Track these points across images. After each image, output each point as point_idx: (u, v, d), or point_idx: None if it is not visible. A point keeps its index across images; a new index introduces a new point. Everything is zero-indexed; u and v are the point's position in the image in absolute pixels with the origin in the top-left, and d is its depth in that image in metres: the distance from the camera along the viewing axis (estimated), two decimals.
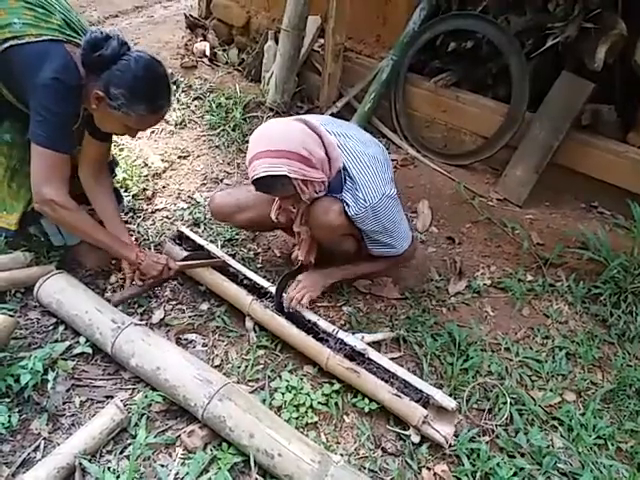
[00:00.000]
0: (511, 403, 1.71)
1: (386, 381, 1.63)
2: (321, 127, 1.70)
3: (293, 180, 1.61)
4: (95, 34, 1.56)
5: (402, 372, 1.64)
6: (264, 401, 1.65)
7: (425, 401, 1.58)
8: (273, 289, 1.90)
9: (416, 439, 1.58)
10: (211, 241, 2.23)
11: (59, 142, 1.62)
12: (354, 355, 1.71)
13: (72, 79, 1.57)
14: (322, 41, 3.34)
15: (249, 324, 1.91)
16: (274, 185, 1.63)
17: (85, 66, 1.59)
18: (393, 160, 2.95)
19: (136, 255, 1.80)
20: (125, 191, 2.51)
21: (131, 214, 2.42)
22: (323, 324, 1.80)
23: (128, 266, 1.93)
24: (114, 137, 2.06)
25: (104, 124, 1.72)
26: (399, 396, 1.57)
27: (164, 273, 1.85)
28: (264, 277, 2.01)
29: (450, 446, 1.56)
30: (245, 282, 1.98)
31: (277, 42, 3.32)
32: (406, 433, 1.60)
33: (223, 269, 2.01)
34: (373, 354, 1.70)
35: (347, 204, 1.75)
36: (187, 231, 2.14)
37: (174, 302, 2.03)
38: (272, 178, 1.59)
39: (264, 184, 1.63)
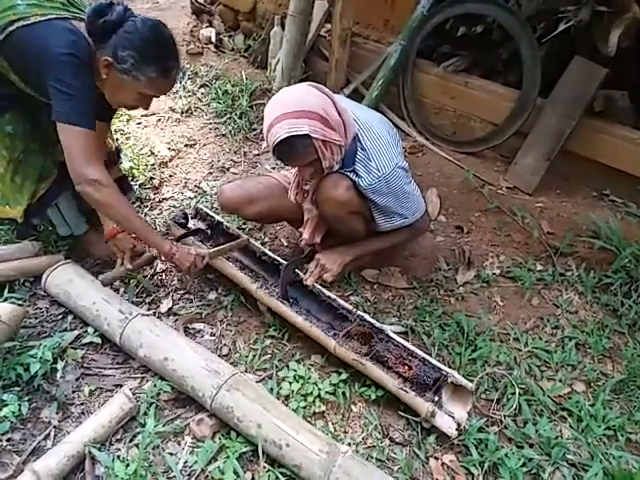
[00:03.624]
0: (520, 393, 1.70)
1: (404, 359, 1.65)
2: (333, 94, 1.69)
3: (314, 141, 1.59)
4: (99, 2, 1.54)
5: (420, 352, 1.65)
6: (272, 390, 1.65)
7: (440, 384, 1.58)
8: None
9: (428, 425, 1.58)
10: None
11: (88, 119, 1.58)
12: (373, 333, 1.72)
13: (85, 55, 1.54)
14: (329, 26, 3.29)
15: (263, 307, 1.91)
16: (296, 147, 1.59)
17: (91, 35, 1.56)
18: None
19: (170, 247, 1.75)
20: (132, 180, 2.50)
21: (138, 203, 2.42)
22: (342, 302, 1.81)
23: (117, 248, 1.90)
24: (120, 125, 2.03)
25: (116, 96, 1.67)
26: (405, 390, 1.57)
27: (197, 263, 1.80)
28: (266, 271, 2.00)
29: (459, 434, 1.55)
30: (264, 258, 1.97)
31: (283, 27, 3.28)
32: (417, 419, 1.60)
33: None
34: (392, 333, 1.71)
35: (359, 176, 1.74)
36: (205, 208, 2.14)
37: (182, 291, 2.03)
38: (294, 139, 1.56)
39: (285, 147, 1.59)
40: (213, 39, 3.88)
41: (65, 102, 1.54)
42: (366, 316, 1.75)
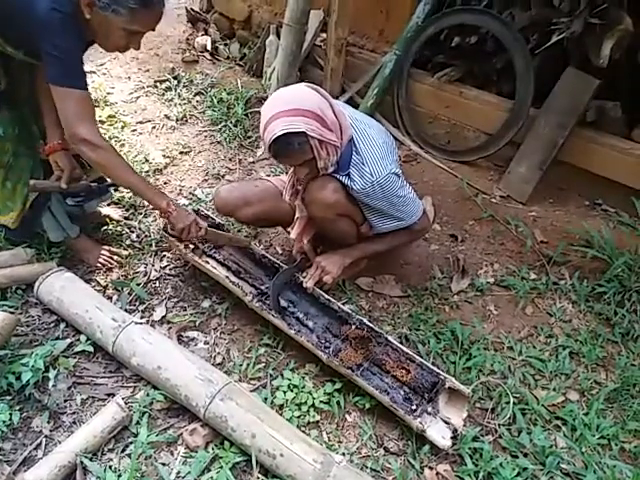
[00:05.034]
0: (514, 402, 1.70)
1: (402, 363, 1.68)
2: (330, 97, 1.70)
3: (310, 140, 1.59)
4: None
5: (418, 357, 1.68)
6: (266, 400, 1.64)
7: (437, 389, 1.61)
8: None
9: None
10: None
11: (77, 79, 1.58)
12: (371, 336, 1.74)
13: (67, 5, 1.51)
14: (324, 35, 3.31)
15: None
16: (292, 145, 1.59)
17: None
18: None
19: (167, 204, 1.74)
20: None
21: (132, 210, 2.41)
22: (341, 305, 1.84)
23: (57, 165, 1.87)
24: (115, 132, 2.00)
25: (104, 38, 1.64)
26: (396, 409, 1.58)
27: (192, 230, 1.80)
28: (266, 275, 2.01)
29: (454, 444, 1.55)
30: (263, 261, 2.02)
31: (279, 36, 3.30)
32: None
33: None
34: (390, 337, 1.74)
35: (353, 180, 1.75)
36: (205, 210, 2.14)
37: (175, 299, 2.02)
38: (290, 137, 1.57)
39: (282, 145, 1.59)
40: (209, 47, 3.89)
41: (54, 64, 1.54)
42: (365, 320, 1.77)
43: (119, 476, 1.40)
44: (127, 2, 1.52)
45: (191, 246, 1.96)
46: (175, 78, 3.48)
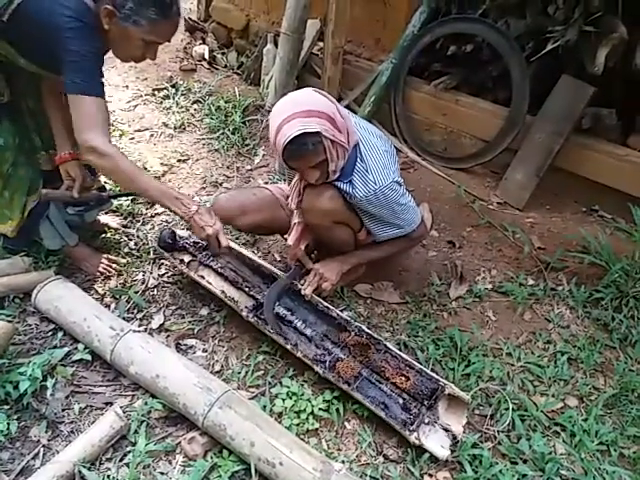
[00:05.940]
0: (513, 409, 1.70)
1: (401, 370, 1.68)
2: (336, 101, 1.71)
3: (324, 140, 1.59)
4: None
5: (417, 364, 1.69)
6: (265, 407, 1.64)
7: (437, 396, 1.61)
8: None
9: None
10: None
11: (91, 86, 1.56)
12: (370, 343, 1.74)
13: (87, 15, 1.52)
14: (321, 44, 3.33)
15: None
16: (306, 145, 1.58)
17: None
18: None
19: (184, 213, 1.66)
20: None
21: (130, 218, 2.41)
22: (340, 312, 1.84)
23: (68, 174, 1.89)
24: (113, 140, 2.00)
25: (121, 48, 1.65)
26: (392, 424, 1.58)
27: (211, 243, 1.73)
28: (264, 283, 2.01)
29: (453, 451, 1.55)
30: (261, 269, 2.02)
31: (276, 45, 3.32)
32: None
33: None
34: (390, 344, 1.74)
35: (355, 186, 1.75)
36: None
37: (174, 307, 2.02)
38: (305, 137, 1.56)
39: (297, 146, 1.58)
40: (206, 56, 3.92)
41: (73, 71, 1.53)
42: (364, 326, 1.77)
43: None
44: (148, 13, 1.54)
45: (186, 260, 1.96)
46: (173, 86, 3.50)
